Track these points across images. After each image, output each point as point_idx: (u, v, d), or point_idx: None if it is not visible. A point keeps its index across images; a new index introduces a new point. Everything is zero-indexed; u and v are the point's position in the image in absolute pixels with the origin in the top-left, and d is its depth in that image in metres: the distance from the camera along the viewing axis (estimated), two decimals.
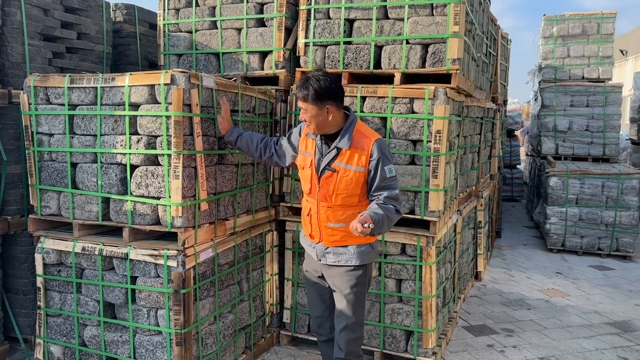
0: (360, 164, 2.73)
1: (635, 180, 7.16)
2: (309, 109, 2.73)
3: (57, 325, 3.31)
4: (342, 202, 2.78)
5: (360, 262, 2.84)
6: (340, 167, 2.74)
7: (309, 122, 2.76)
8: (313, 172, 2.83)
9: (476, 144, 5.20)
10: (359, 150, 2.74)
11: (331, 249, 2.84)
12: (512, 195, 11.71)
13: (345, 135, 2.75)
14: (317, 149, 2.84)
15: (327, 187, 2.77)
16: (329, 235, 2.84)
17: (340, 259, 2.83)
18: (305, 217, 2.97)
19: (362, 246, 2.84)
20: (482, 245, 5.92)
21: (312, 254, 2.95)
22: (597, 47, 8.25)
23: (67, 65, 4.23)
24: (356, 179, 2.74)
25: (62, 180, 3.19)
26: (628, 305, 5.36)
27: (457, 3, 3.52)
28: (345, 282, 2.84)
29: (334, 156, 2.76)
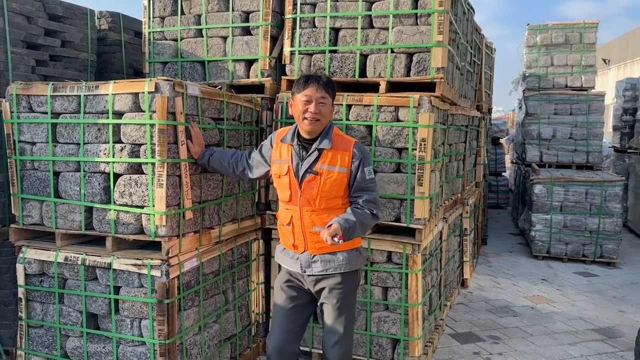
0: (343, 164, 2.71)
1: (618, 187, 7.26)
2: (326, 100, 2.69)
3: (38, 336, 3.26)
4: (326, 205, 2.73)
5: (349, 268, 2.78)
6: (323, 169, 2.70)
7: (317, 115, 2.67)
8: (292, 177, 2.75)
9: (461, 152, 5.23)
10: (340, 151, 2.72)
11: (318, 256, 2.76)
12: (497, 202, 11.79)
13: (325, 137, 2.73)
14: (295, 154, 2.77)
15: (310, 191, 2.71)
16: (315, 241, 2.75)
17: (328, 267, 2.76)
18: (286, 228, 2.85)
19: (351, 252, 2.79)
20: (468, 253, 5.95)
21: (295, 266, 2.83)
22: (580, 56, 8.37)
23: (50, 73, 4.19)
24: (340, 180, 2.71)
25: (45, 189, 3.15)
26: (612, 312, 5.41)
27: (441, 13, 3.55)
28: (336, 292, 2.77)
29: (315, 158, 2.72)
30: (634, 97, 10.06)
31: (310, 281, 2.82)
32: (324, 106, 2.70)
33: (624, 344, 4.56)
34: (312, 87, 2.67)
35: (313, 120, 2.68)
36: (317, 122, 2.69)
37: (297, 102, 2.73)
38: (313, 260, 2.77)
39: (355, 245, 2.84)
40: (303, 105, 2.69)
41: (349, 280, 2.80)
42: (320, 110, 2.68)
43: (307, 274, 2.79)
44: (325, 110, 2.71)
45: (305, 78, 2.73)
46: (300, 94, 2.71)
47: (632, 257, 7.80)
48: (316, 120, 2.69)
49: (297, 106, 2.73)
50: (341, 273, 2.77)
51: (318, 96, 2.67)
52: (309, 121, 2.69)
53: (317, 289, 2.82)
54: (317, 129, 2.72)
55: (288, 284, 2.89)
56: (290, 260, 2.86)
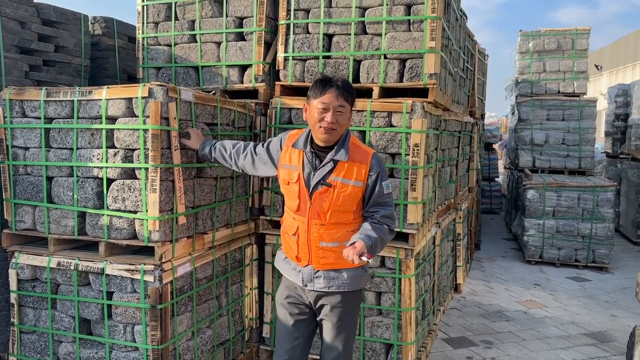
0: (359, 178, 2.52)
1: (610, 192, 7.31)
2: (344, 108, 2.48)
3: (31, 342, 3.24)
4: (337, 219, 2.54)
5: (353, 287, 2.61)
6: (337, 182, 2.50)
7: (334, 125, 2.47)
8: (302, 187, 2.55)
9: (454, 157, 5.26)
10: (357, 164, 2.53)
11: (322, 272, 2.58)
12: (490, 207, 11.84)
13: (342, 147, 2.52)
14: (307, 162, 2.56)
15: (321, 204, 2.52)
16: (320, 257, 2.57)
17: (331, 285, 2.57)
18: (291, 238, 2.66)
19: (356, 270, 2.61)
20: (461, 258, 5.96)
21: (296, 279, 2.65)
22: (572, 62, 8.43)
23: (44, 78, 4.19)
24: (354, 194, 2.52)
25: (38, 195, 3.15)
26: (604, 316, 5.44)
27: (434, 19, 3.58)
28: (337, 311, 2.61)
29: (330, 170, 2.52)
30: (625, 103, 10.14)
31: (311, 296, 2.65)
32: (341, 115, 2.49)
33: (616, 349, 4.59)
34: (330, 93, 2.46)
35: (329, 130, 2.48)
36: (333, 131, 2.49)
37: (312, 109, 2.51)
38: (316, 276, 2.59)
39: (363, 263, 2.58)
40: (319, 113, 2.47)
41: (351, 299, 2.65)
42: (337, 120, 2.47)
43: (308, 288, 2.62)
44: (343, 120, 2.50)
45: (323, 83, 2.50)
46: (316, 100, 2.48)
47: (624, 262, 7.84)
48: (332, 130, 2.48)
49: (312, 113, 2.51)
50: (344, 292, 2.61)
51: (336, 104, 2.46)
52: (324, 130, 2.48)
53: (318, 305, 2.66)
54: (333, 139, 2.52)
55: (288, 300, 2.72)
56: (292, 271, 2.68)
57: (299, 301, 2.70)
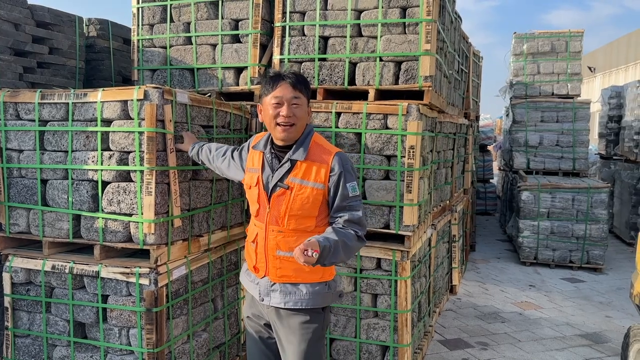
0: (318, 179, 2.33)
1: (604, 194, 7.34)
2: (299, 100, 2.33)
3: (25, 346, 3.22)
4: (295, 225, 2.35)
5: (313, 304, 2.35)
6: (295, 184, 2.33)
7: (291, 119, 2.31)
8: (261, 190, 2.41)
9: (449, 159, 5.27)
10: (317, 164, 2.34)
11: (278, 285, 2.37)
12: (485, 209, 11.87)
13: (301, 146, 2.36)
14: (266, 164, 2.43)
15: (279, 208, 2.35)
16: (276, 267, 2.37)
17: (287, 300, 2.34)
18: (250, 245, 2.50)
19: (317, 285, 2.37)
20: (457, 259, 5.97)
21: (254, 291, 2.47)
22: (566, 65, 8.48)
23: (38, 80, 4.18)
24: (313, 197, 2.33)
25: (32, 197, 3.13)
26: (599, 317, 5.46)
27: (429, 22, 3.59)
28: (297, 333, 2.34)
29: (287, 170, 2.36)
30: (618, 105, 10.20)
31: (270, 313, 2.43)
32: (297, 107, 2.33)
33: (611, 349, 4.61)
34: (282, 86, 2.31)
35: (287, 126, 2.32)
36: (291, 127, 2.33)
37: (266, 106, 2.37)
38: (272, 289, 2.38)
39: (325, 279, 2.41)
40: (274, 109, 2.32)
41: (314, 319, 2.37)
42: (294, 113, 2.32)
43: (264, 303, 2.42)
44: (300, 113, 2.34)
45: (273, 77, 2.36)
46: (269, 97, 2.34)
47: (618, 262, 7.88)
48: (290, 126, 2.32)
49: (266, 111, 2.36)
50: (304, 309, 2.35)
51: (290, 96, 2.31)
52: (282, 127, 2.33)
53: (276, 325, 2.43)
54: (292, 136, 2.36)
55: (252, 315, 2.56)
56: (251, 283, 2.51)
57: (259, 320, 2.53)
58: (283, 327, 2.40)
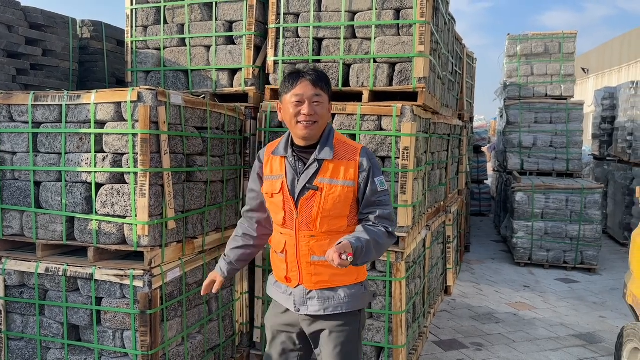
0: (348, 177, 2.26)
1: (598, 194, 7.37)
2: (321, 97, 2.25)
3: (18, 349, 3.20)
4: (328, 227, 2.27)
5: (352, 307, 2.31)
6: (324, 184, 2.25)
7: (313, 117, 2.23)
8: (286, 196, 2.29)
9: (444, 160, 5.28)
10: (345, 162, 2.27)
11: (315, 292, 2.29)
12: (480, 210, 11.91)
13: (325, 145, 2.28)
14: (290, 168, 2.31)
15: (309, 211, 2.25)
16: (312, 274, 2.29)
17: (327, 306, 2.28)
18: (278, 256, 2.39)
19: (354, 287, 2.33)
20: (451, 260, 5.99)
21: (288, 303, 2.36)
22: (560, 66, 8.52)
23: (31, 82, 4.16)
24: (345, 195, 2.26)
25: (25, 200, 3.12)
26: (593, 317, 5.48)
27: (423, 23, 3.60)
28: (335, 337, 2.30)
29: (315, 171, 2.27)
30: (612, 106, 10.26)
31: (305, 322, 2.35)
32: (319, 105, 2.25)
33: (605, 349, 4.63)
34: (302, 84, 2.23)
35: (309, 124, 2.23)
36: (313, 124, 2.24)
37: (286, 105, 2.27)
38: (309, 297, 2.30)
39: (360, 280, 2.37)
40: (294, 107, 2.24)
41: (351, 321, 2.34)
42: (315, 111, 2.23)
43: (301, 312, 2.32)
44: (322, 110, 2.26)
45: (293, 74, 2.28)
46: (289, 94, 2.25)
47: (611, 263, 7.92)
48: (313, 123, 2.24)
49: (287, 109, 2.27)
50: (341, 313, 2.31)
51: (311, 94, 2.23)
52: (304, 125, 2.24)
53: (312, 331, 2.35)
54: (314, 133, 2.27)
55: (278, 329, 2.44)
56: (283, 295, 2.39)
57: (290, 330, 2.41)
58: (320, 334, 2.35)
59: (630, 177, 8.93)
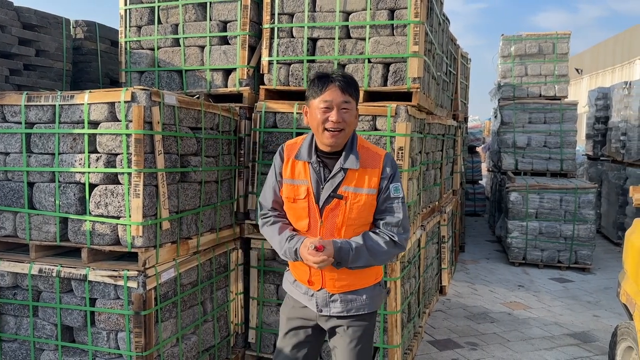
0: (371, 184, 2.25)
1: (592, 194, 7.41)
2: (349, 104, 2.21)
3: (12, 350, 3.19)
4: (353, 234, 2.26)
5: (372, 308, 2.38)
6: (349, 192, 2.23)
7: (340, 125, 2.19)
8: (312, 204, 2.26)
9: (438, 160, 5.29)
10: (369, 170, 2.26)
11: (338, 295, 2.32)
12: (474, 210, 11.93)
13: (351, 153, 2.25)
14: (314, 174, 2.28)
15: (334, 220, 2.25)
16: (334, 279, 2.30)
17: (350, 308, 2.33)
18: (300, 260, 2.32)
19: (375, 289, 2.39)
20: (446, 260, 6.00)
21: (309, 304, 2.38)
22: (553, 66, 8.55)
23: (24, 82, 4.14)
24: (369, 203, 2.26)
25: (19, 200, 3.10)
26: (587, 317, 5.50)
27: (417, 24, 3.61)
28: (352, 334, 2.35)
29: (341, 180, 2.24)
30: (605, 106, 10.31)
31: (324, 322, 2.41)
32: (347, 112, 2.21)
33: (599, 348, 4.64)
34: (331, 90, 2.19)
35: (336, 132, 2.20)
36: (340, 133, 2.21)
37: (314, 110, 2.23)
38: (332, 300, 2.33)
39: (378, 280, 2.43)
40: (322, 113, 2.19)
41: (369, 319, 2.41)
42: (343, 119, 2.19)
43: (323, 313, 2.36)
44: (350, 118, 2.22)
45: (322, 79, 2.24)
46: (317, 99, 2.21)
47: (605, 262, 7.95)
48: (339, 131, 2.20)
49: (314, 115, 2.23)
50: (362, 314, 2.36)
51: (340, 101, 2.19)
52: (330, 134, 2.20)
53: (330, 326, 2.40)
54: (340, 142, 2.24)
55: (295, 324, 2.46)
56: (304, 296, 2.41)
57: (306, 323, 2.44)
58: (339, 331, 2.39)
59: (623, 176, 8.97)
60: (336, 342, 2.41)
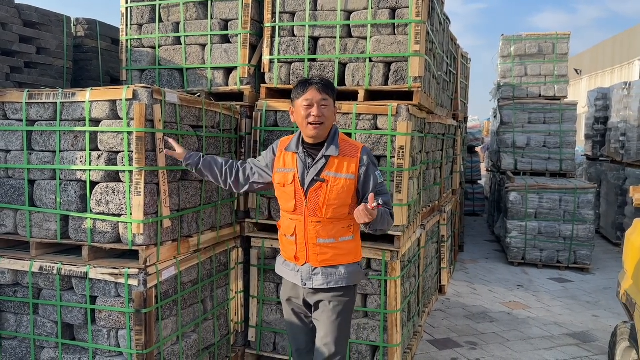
0: (350, 171, 2.66)
1: (591, 194, 7.41)
2: (327, 102, 2.64)
3: (12, 348, 3.18)
4: (332, 214, 2.66)
5: (350, 282, 2.72)
6: (330, 177, 2.64)
7: (320, 118, 2.62)
8: (297, 187, 2.68)
9: (438, 160, 5.30)
10: (347, 158, 2.67)
11: (320, 269, 2.70)
12: (473, 209, 11.94)
13: (332, 144, 2.68)
14: (300, 162, 2.71)
15: (317, 200, 2.65)
16: (317, 254, 2.69)
17: (329, 280, 2.69)
18: (288, 239, 2.77)
19: (351, 265, 2.74)
20: (446, 259, 6.00)
21: (295, 279, 2.77)
22: (553, 66, 8.56)
23: (25, 80, 4.14)
24: (347, 187, 2.65)
25: (19, 198, 3.10)
26: (586, 317, 5.51)
27: (418, 23, 3.61)
28: (333, 308, 2.70)
29: (323, 166, 2.67)
30: (605, 107, 10.32)
31: (309, 293, 2.75)
32: (326, 108, 2.65)
33: (598, 348, 4.65)
34: (311, 90, 2.63)
35: (317, 124, 2.63)
36: (321, 125, 2.64)
37: (298, 108, 2.68)
38: (314, 273, 2.71)
39: (357, 259, 2.79)
40: (305, 110, 2.64)
41: (347, 294, 2.75)
42: (323, 113, 2.63)
43: (307, 286, 2.72)
44: (328, 113, 2.66)
45: (303, 83, 2.70)
46: (300, 99, 2.66)
47: (604, 262, 7.96)
48: (320, 124, 2.63)
49: (298, 112, 2.67)
50: (341, 287, 2.71)
51: (319, 99, 2.63)
52: (313, 126, 2.64)
53: (314, 300, 2.75)
54: (322, 133, 2.67)
55: (291, 300, 2.85)
56: (291, 272, 2.79)
57: (296, 301, 2.82)
58: (320, 304, 2.73)
59: (623, 177, 8.99)
60: (319, 315, 2.75)
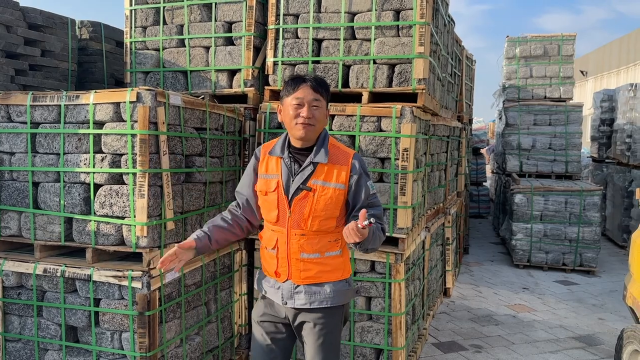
0: (339, 180, 2.37)
1: (597, 196, 7.37)
2: (319, 102, 2.36)
3: (16, 350, 3.19)
4: (318, 227, 2.37)
5: (336, 302, 2.42)
6: (317, 185, 2.35)
7: (310, 120, 2.33)
8: (281, 195, 2.38)
9: (443, 162, 5.28)
10: (337, 166, 2.38)
11: (303, 287, 2.39)
12: (478, 212, 11.90)
13: (321, 149, 2.39)
14: (285, 168, 2.41)
15: (302, 210, 2.35)
16: (300, 270, 2.39)
17: (313, 300, 2.39)
18: (269, 252, 2.47)
19: (338, 283, 2.43)
20: (450, 262, 5.98)
21: (275, 296, 2.46)
22: (558, 68, 8.52)
23: (30, 82, 4.15)
24: (336, 197, 2.36)
25: (24, 200, 3.10)
26: (592, 319, 5.47)
27: (422, 25, 3.60)
28: (318, 331, 2.41)
29: (310, 173, 2.37)
30: (610, 108, 10.27)
31: (291, 313, 2.45)
32: (317, 109, 2.36)
33: (604, 351, 4.62)
34: (303, 88, 2.35)
35: (306, 126, 2.34)
36: (310, 127, 2.34)
37: (287, 107, 2.38)
38: (296, 291, 2.41)
39: (345, 276, 2.49)
40: (294, 109, 2.34)
41: (334, 314, 2.45)
42: (313, 114, 2.34)
43: (288, 305, 2.43)
44: (319, 114, 2.37)
45: (295, 79, 2.41)
46: (290, 97, 2.37)
47: (610, 265, 7.91)
48: (309, 126, 2.34)
49: (287, 111, 2.38)
50: (326, 307, 2.41)
51: (310, 98, 2.34)
52: (302, 126, 2.34)
53: (297, 322, 2.46)
54: (311, 136, 2.37)
55: (264, 319, 2.52)
56: (271, 289, 2.48)
57: (276, 319, 2.50)
58: (304, 325, 2.45)
59: (629, 179, 8.93)
60: (304, 335, 2.47)
